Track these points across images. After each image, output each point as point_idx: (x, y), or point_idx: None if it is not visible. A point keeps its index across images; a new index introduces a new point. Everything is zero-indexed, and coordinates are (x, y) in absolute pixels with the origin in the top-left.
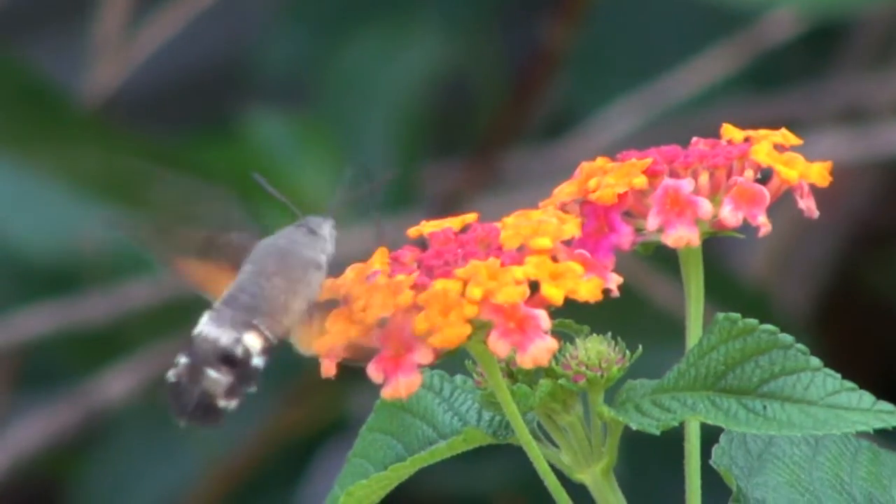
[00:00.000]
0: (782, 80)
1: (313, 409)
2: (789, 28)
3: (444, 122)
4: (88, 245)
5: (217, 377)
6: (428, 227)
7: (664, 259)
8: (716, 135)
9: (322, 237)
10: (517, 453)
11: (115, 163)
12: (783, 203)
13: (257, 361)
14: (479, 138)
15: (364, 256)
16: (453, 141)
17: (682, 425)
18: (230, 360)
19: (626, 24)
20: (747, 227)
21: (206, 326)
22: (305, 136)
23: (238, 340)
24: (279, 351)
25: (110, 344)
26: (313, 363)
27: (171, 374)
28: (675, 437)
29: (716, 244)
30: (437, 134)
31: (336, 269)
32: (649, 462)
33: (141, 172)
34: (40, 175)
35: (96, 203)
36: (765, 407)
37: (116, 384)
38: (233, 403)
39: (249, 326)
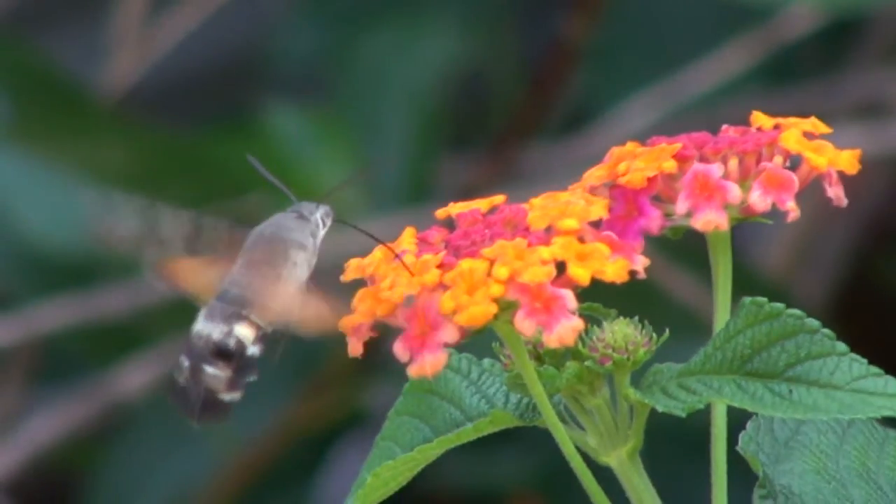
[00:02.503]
0: (799, 74)
1: (329, 403)
2: (806, 23)
3: (461, 116)
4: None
5: (215, 372)
6: (455, 208)
7: (687, 253)
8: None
9: (312, 222)
10: (534, 447)
11: (134, 156)
12: (800, 197)
13: (253, 350)
14: (496, 132)
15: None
16: (470, 135)
17: (707, 410)
18: (224, 353)
19: (643, 19)
20: (774, 215)
21: (200, 324)
22: (322, 129)
23: (229, 333)
24: (282, 338)
25: (128, 337)
26: (330, 358)
27: (177, 377)
28: (698, 425)
29: (734, 237)
30: (454, 128)
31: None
32: (673, 448)
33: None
34: (59, 168)
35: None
36: (791, 391)
37: (134, 378)
38: (236, 395)
39: (239, 318)
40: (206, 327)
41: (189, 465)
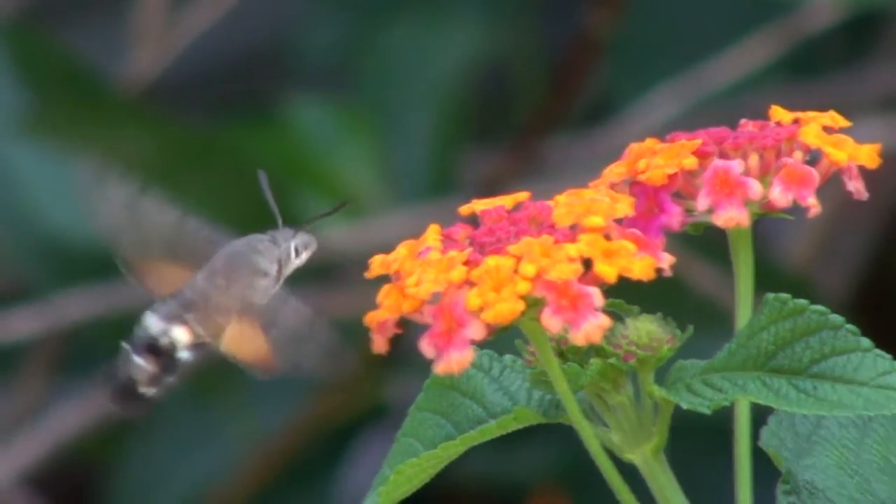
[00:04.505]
0: (821, 68)
1: (352, 396)
2: (829, 16)
3: (483, 109)
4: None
5: (141, 364)
6: (480, 204)
7: (707, 245)
8: (756, 121)
9: (282, 248)
10: (555, 441)
11: (156, 148)
12: (821, 192)
13: (183, 355)
14: (519, 125)
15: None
16: (493, 128)
17: (729, 406)
18: (155, 349)
19: (666, 11)
20: (795, 211)
21: (146, 316)
22: (345, 121)
23: (165, 332)
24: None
25: None
26: (355, 349)
27: (118, 361)
28: (721, 420)
29: (755, 230)
30: (476, 121)
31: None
32: (695, 444)
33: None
34: (82, 160)
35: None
36: (815, 387)
37: None
38: (152, 391)
39: (180, 321)
40: (148, 320)
41: (210, 458)
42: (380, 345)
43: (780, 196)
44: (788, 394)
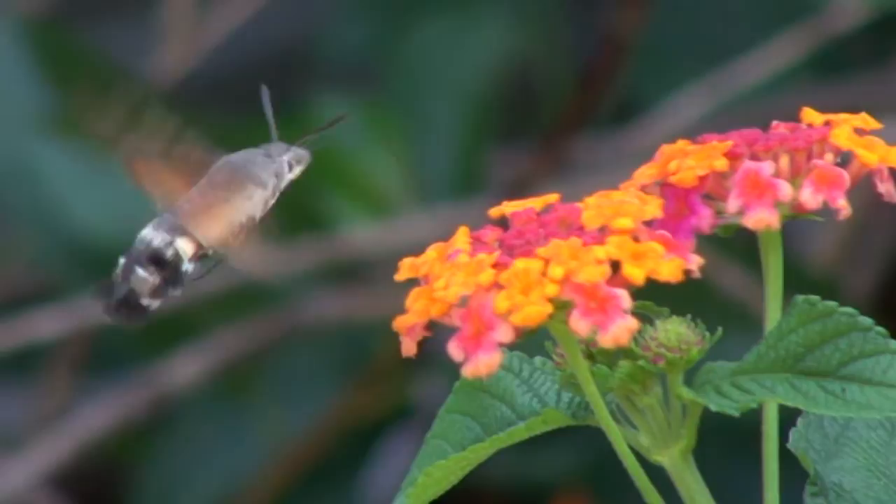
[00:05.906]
0: (849, 67)
1: (379, 395)
2: (856, 15)
3: (511, 109)
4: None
5: (145, 276)
6: (510, 206)
7: (734, 247)
8: (783, 121)
9: (277, 162)
10: (577, 442)
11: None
12: (848, 193)
13: (187, 266)
14: (546, 125)
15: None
16: (520, 127)
17: (758, 408)
18: (159, 260)
19: (693, 11)
20: (824, 213)
21: (147, 230)
22: (372, 120)
23: (170, 243)
24: (219, 264)
25: (178, 329)
26: (377, 351)
27: (112, 276)
28: (748, 421)
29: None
30: (504, 120)
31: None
32: (723, 445)
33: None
34: (107, 159)
35: None
36: (844, 389)
37: (184, 369)
38: (155, 303)
39: (184, 232)
40: (150, 234)
41: (236, 459)
42: (409, 348)
43: (810, 198)
44: (817, 396)
